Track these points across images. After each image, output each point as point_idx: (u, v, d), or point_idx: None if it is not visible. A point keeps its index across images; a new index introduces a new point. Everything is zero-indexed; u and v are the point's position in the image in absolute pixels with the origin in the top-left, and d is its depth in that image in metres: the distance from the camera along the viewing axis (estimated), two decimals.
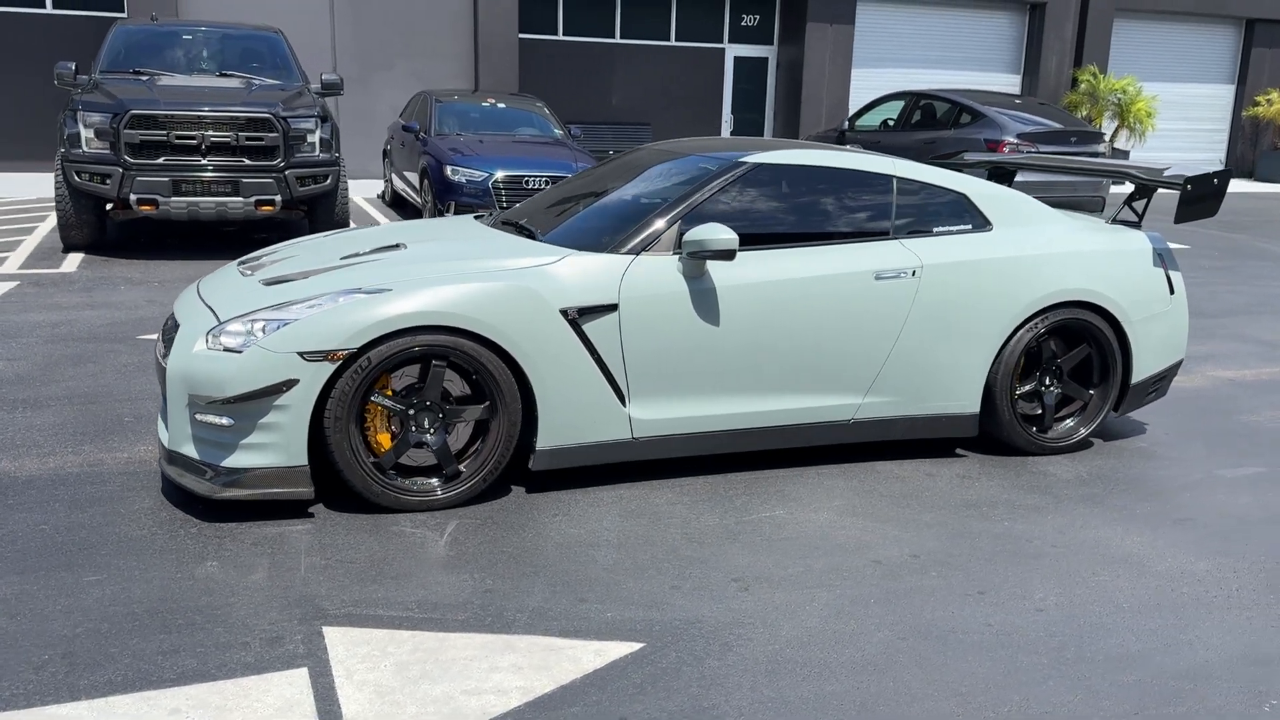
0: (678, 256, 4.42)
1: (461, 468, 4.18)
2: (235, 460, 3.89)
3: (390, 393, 4.09)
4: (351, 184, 15.61)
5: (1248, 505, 4.48)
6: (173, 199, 8.78)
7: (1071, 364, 5.11)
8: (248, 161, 8.93)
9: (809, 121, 18.34)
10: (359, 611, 3.27)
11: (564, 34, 17.44)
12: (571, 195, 5.21)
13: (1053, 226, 5.11)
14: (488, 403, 4.17)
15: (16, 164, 14.88)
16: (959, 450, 5.07)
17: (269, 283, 4.29)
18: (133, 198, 8.70)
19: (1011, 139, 12.22)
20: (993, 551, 3.92)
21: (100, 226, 9.29)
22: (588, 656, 3.04)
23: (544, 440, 4.25)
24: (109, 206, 9.19)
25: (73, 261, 8.94)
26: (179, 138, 8.71)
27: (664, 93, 18.33)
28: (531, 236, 4.70)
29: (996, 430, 4.99)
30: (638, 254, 4.39)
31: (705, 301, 4.41)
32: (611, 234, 4.48)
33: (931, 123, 13.32)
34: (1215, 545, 4.05)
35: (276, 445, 3.89)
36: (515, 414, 4.16)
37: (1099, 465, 4.94)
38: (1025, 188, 11.64)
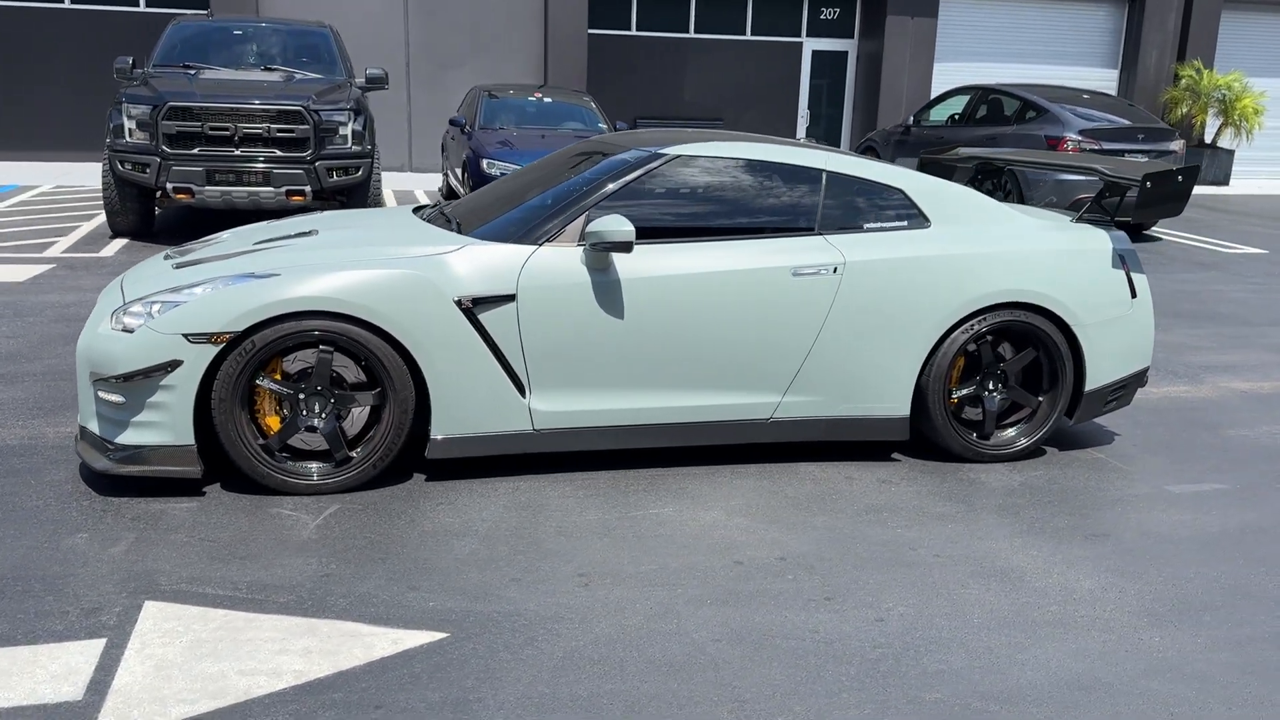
0: (583, 248, 4.38)
1: (353, 453, 4.23)
2: (128, 437, 4.03)
3: (278, 377, 4.17)
4: (420, 178, 15.95)
5: (1179, 524, 4.21)
6: (207, 188, 9.12)
7: (1017, 368, 4.89)
8: (279, 153, 9.21)
9: (887, 116, 17.93)
10: (190, 589, 3.35)
11: (637, 29, 17.44)
12: (512, 188, 5.22)
13: (999, 225, 4.88)
14: (378, 389, 4.21)
15: (89, 154, 15.63)
16: (895, 455, 4.90)
17: (179, 266, 4.42)
18: (169, 186, 9.07)
19: (1073, 135, 11.73)
20: (867, 558, 3.78)
21: (146, 214, 9.71)
22: (383, 644, 3.05)
23: (438, 429, 4.27)
24: (158, 194, 9.59)
25: (114, 247, 9.37)
26: (213, 129, 9.04)
27: (737, 88, 18.17)
28: (454, 227, 4.72)
29: (932, 435, 4.81)
30: (540, 245, 4.37)
31: (609, 294, 4.36)
32: (520, 225, 4.47)
33: (998, 118, 12.88)
34: (1115, 564, 3.82)
35: (164, 424, 4.01)
36: (406, 402, 4.19)
37: (1038, 475, 4.71)
38: (1069, 188, 11.15)
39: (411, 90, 16.45)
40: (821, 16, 18.36)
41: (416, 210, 5.24)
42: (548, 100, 11.97)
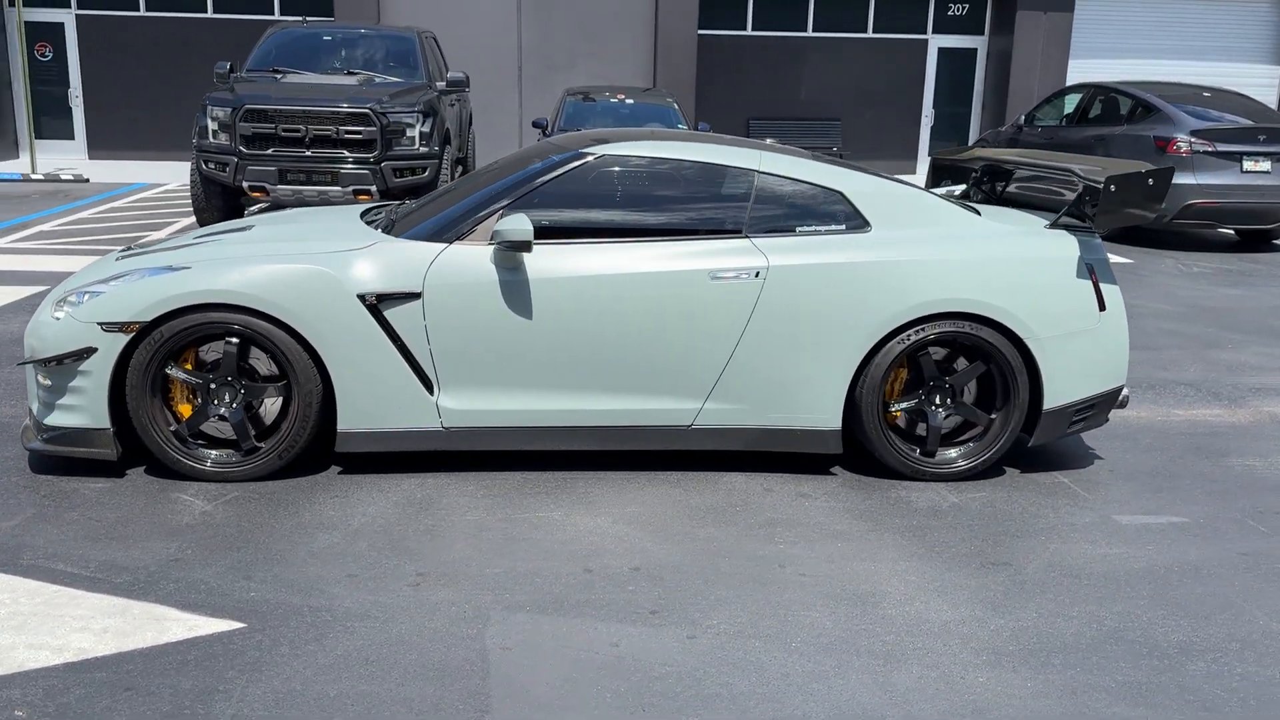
0: (493, 248, 4.38)
1: (261, 444, 4.36)
2: (54, 419, 4.28)
3: (189, 366, 4.34)
4: None
5: (1100, 557, 3.87)
6: (279, 187, 9.57)
7: (965, 382, 4.60)
8: (347, 153, 9.57)
9: (1017, 116, 17.12)
10: (45, 564, 3.53)
11: (752, 29, 17.25)
12: (461, 190, 5.24)
13: (948, 229, 4.60)
14: (285, 382, 4.33)
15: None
16: (834, 469, 4.69)
17: (120, 258, 4.66)
18: (245, 184, 9.57)
19: (1183, 136, 10.92)
20: (728, 573, 3.63)
21: (231, 210, 10.27)
22: (179, 630, 3.14)
23: (345, 423, 4.35)
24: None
25: None
26: (285, 130, 9.48)
27: (857, 87, 17.72)
28: (389, 228, 4.74)
29: (869, 449, 4.58)
30: (450, 243, 4.39)
31: (518, 294, 4.34)
32: (440, 225, 4.49)
33: (1111, 117, 12.13)
34: (993, 597, 3.54)
35: (83, 408, 4.24)
36: (311, 395, 4.29)
37: (978, 496, 4.42)
38: (1182, 192, 10.35)
39: (524, 93, 16.79)
40: (949, 13, 17.71)
41: (367, 211, 5.24)
42: (629, 102, 12.00)
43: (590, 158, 4.57)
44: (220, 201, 10.13)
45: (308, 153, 9.55)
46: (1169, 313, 8.19)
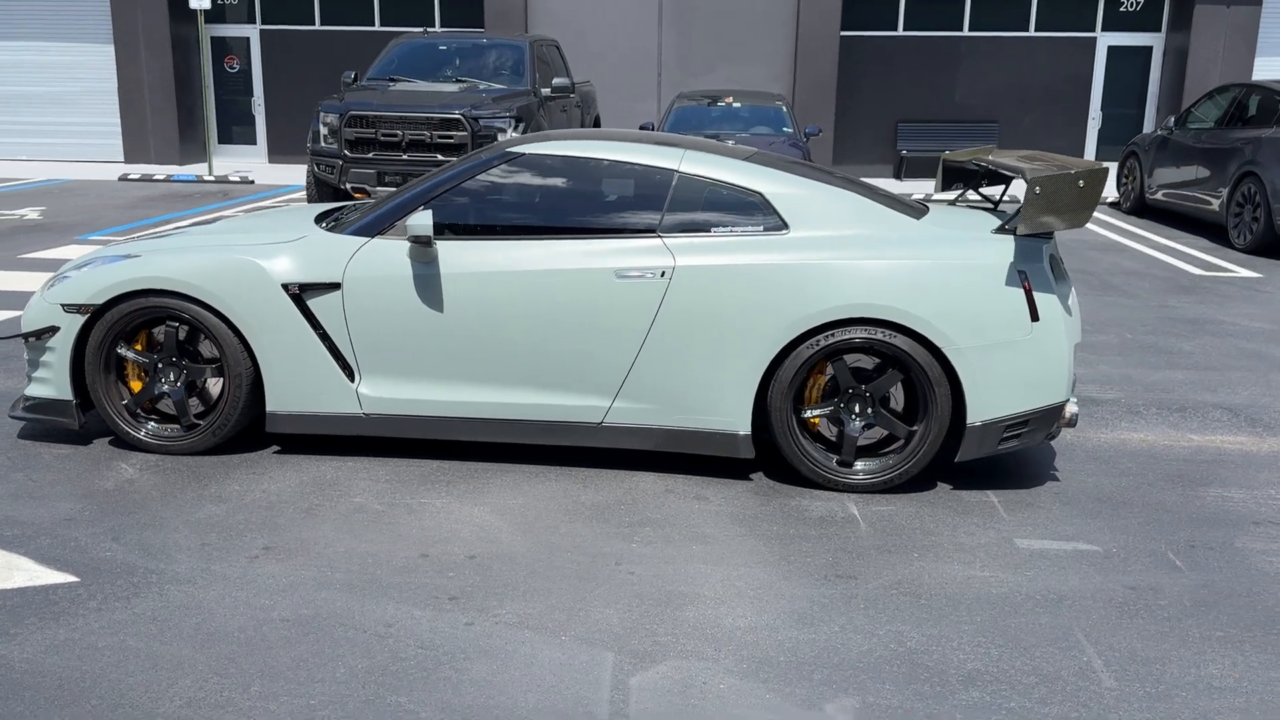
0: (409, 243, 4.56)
1: (200, 421, 4.72)
2: (31, 389, 4.79)
3: (139, 347, 4.74)
4: None
5: (960, 580, 3.66)
6: (379, 189, 10.14)
7: (883, 392, 4.42)
8: (440, 157, 10.04)
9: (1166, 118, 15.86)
10: None
11: (904, 29, 16.76)
12: (405, 188, 5.40)
13: (873, 232, 4.42)
14: (218, 364, 4.67)
15: None
16: (754, 475, 4.60)
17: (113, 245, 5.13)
18: (348, 186, 10.19)
19: None
20: (558, 568, 3.67)
21: None
22: (19, 577, 3.49)
23: (273, 404, 4.65)
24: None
25: None
26: (384, 135, 10.04)
27: (1017, 89, 16.89)
28: (331, 224, 4.95)
29: (782, 456, 4.47)
30: (372, 237, 4.60)
31: (431, 287, 4.51)
32: (371, 220, 4.72)
33: (1266, 118, 11.09)
34: (806, 610, 3.42)
35: (51, 380, 4.72)
36: (241, 377, 4.61)
37: (884, 510, 4.24)
38: None
39: (662, 99, 16.96)
40: (1121, 9, 16.62)
41: (324, 213, 5.45)
42: (736, 105, 11.95)
43: (512, 157, 4.67)
44: (331, 201, 10.81)
45: (404, 156, 10.07)
46: (1263, 332, 7.47)
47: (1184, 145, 12.01)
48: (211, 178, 15.16)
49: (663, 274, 4.40)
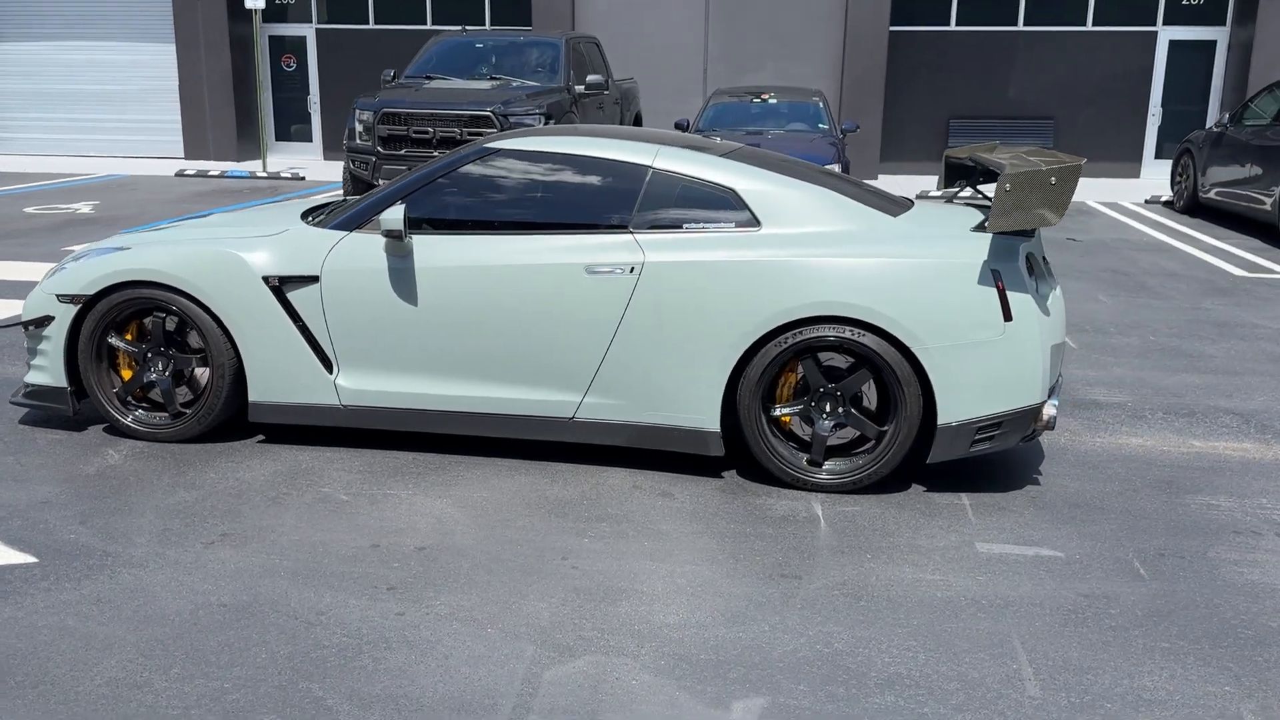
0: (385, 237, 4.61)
1: (185, 409, 4.83)
2: (30, 376, 4.95)
3: (130, 337, 4.87)
4: None
5: (908, 583, 3.60)
6: None
7: (852, 390, 4.36)
8: None
9: (1222, 114, 15.33)
10: None
11: (956, 24, 16.47)
12: (390, 183, 5.45)
13: (847, 229, 4.36)
14: (203, 354, 4.77)
15: None
16: (726, 473, 4.58)
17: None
18: (381, 182, 10.33)
19: None
20: (505, 560, 3.69)
21: None
22: None
23: (254, 395, 4.74)
24: None
25: None
26: (416, 132, 10.17)
27: (1073, 84, 16.49)
28: (314, 219, 5.03)
29: (751, 454, 4.44)
30: (350, 231, 4.67)
31: (405, 281, 4.56)
32: (349, 214, 4.78)
33: None
34: (740, 609, 3.40)
35: (47, 368, 4.87)
36: (224, 367, 4.71)
37: (849, 510, 4.19)
38: None
39: (708, 95, 16.89)
40: (1183, 2, 16.13)
41: (312, 208, 5.52)
42: (773, 101, 11.86)
43: (490, 153, 4.71)
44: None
45: (435, 153, 10.18)
46: None
47: (1238, 142, 11.62)
48: (264, 174, 15.48)
49: (631, 270, 4.39)
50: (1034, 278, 4.44)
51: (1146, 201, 14.01)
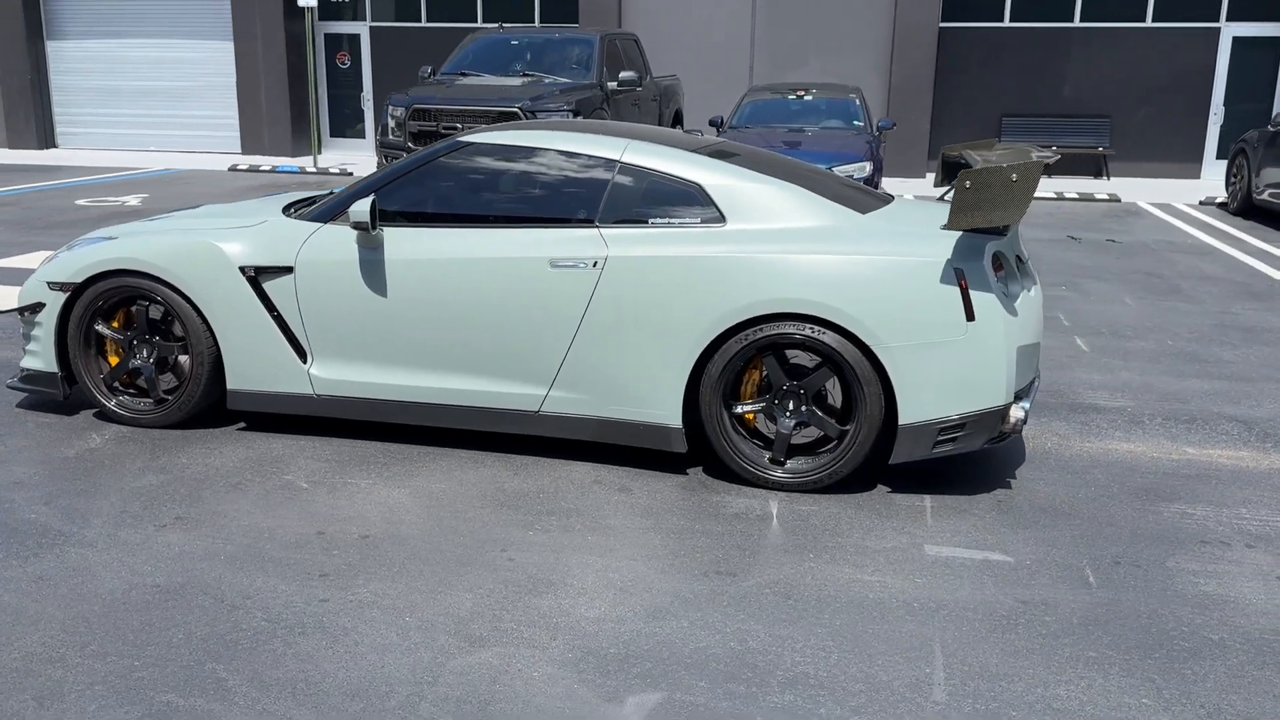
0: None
1: (168, 396, 4.95)
2: (25, 361, 5.11)
3: (116, 324, 5.00)
4: None
5: (844, 583, 3.55)
6: None
7: (814, 388, 4.31)
8: None
9: (1276, 112, 14.79)
10: None
11: (1010, 20, 16.14)
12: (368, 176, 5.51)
13: (814, 226, 4.31)
14: (184, 342, 4.88)
15: None
16: (691, 469, 4.55)
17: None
18: None
19: None
20: (444, 551, 3.72)
21: None
22: None
23: (232, 383, 4.84)
24: None
25: None
26: (445, 128, 10.27)
27: (1131, 82, 16.06)
28: (294, 212, 5.09)
29: (712, 451, 4.41)
30: (325, 223, 4.74)
31: (375, 273, 4.62)
32: (327, 206, 4.85)
33: None
34: (664, 605, 3.38)
35: (39, 353, 5.03)
36: (203, 355, 4.82)
37: (805, 509, 4.14)
38: None
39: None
40: None
41: (295, 201, 5.58)
42: (809, 98, 11.75)
43: (462, 147, 4.74)
44: None
45: None
46: None
47: None
48: (314, 169, 15.78)
49: (594, 264, 4.39)
50: (1004, 277, 4.34)
51: (1200, 203, 13.59)
